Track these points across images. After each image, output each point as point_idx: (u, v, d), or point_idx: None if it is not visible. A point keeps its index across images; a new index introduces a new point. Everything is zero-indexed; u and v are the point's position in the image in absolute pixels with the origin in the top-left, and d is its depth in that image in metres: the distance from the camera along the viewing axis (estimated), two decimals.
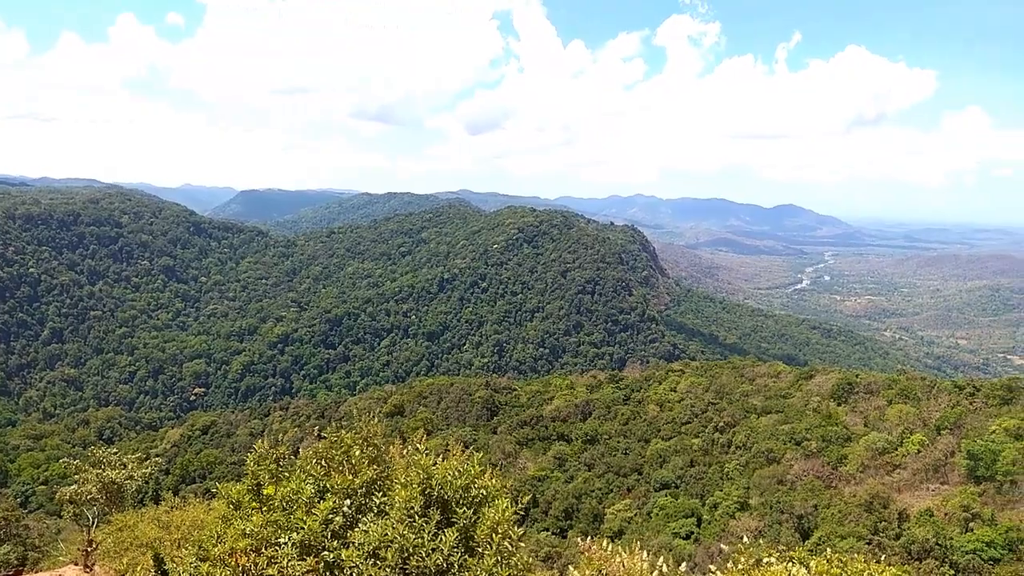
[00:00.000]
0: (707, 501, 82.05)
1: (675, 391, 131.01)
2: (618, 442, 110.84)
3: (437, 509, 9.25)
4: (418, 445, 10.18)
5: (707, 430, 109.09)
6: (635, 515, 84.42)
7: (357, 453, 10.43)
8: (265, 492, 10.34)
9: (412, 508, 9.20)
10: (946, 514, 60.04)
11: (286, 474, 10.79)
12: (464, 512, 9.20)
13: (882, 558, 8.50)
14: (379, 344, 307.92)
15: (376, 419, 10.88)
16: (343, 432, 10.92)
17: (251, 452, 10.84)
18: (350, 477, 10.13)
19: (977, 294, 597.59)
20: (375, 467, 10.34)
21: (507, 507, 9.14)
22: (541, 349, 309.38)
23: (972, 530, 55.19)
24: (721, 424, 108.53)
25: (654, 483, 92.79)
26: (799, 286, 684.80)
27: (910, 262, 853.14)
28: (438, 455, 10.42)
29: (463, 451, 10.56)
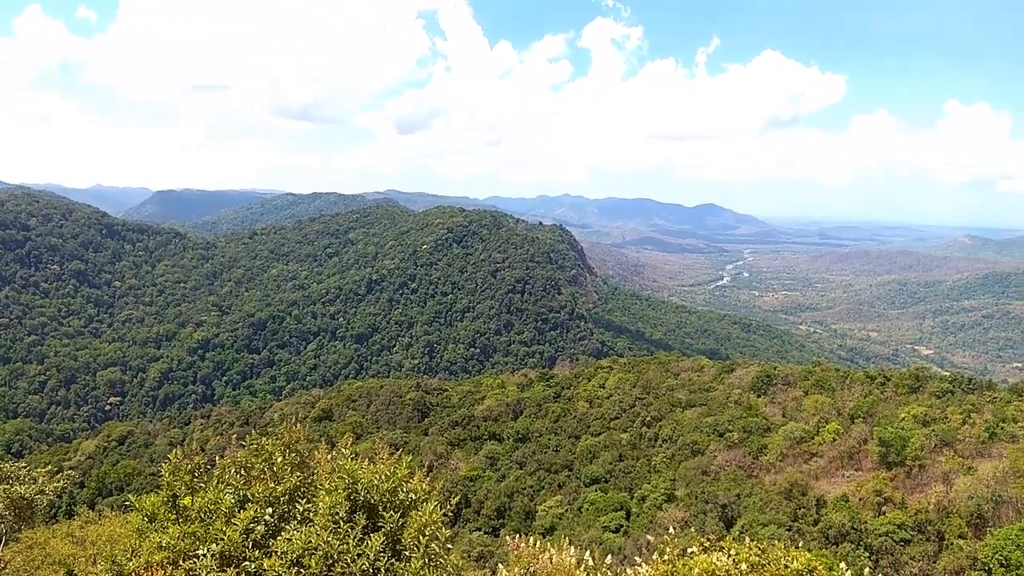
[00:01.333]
0: (635, 494, 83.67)
1: (604, 387, 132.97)
2: (549, 439, 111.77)
3: (363, 514, 9.13)
4: (343, 449, 10.02)
5: (635, 425, 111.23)
6: (566, 511, 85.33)
7: (279, 460, 10.19)
8: (182, 503, 10.00)
9: (337, 514, 9.05)
10: (860, 499, 63.02)
11: (203, 484, 10.45)
12: (391, 516, 9.11)
13: (800, 544, 8.86)
14: (306, 347, 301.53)
15: (298, 424, 10.65)
16: (264, 439, 10.66)
17: (165, 463, 10.46)
18: (272, 485, 9.88)
19: (886, 288, 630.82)
20: (299, 473, 10.13)
21: (435, 509, 9.11)
22: (472, 349, 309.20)
23: (884, 513, 58.13)
24: (648, 418, 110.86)
25: (584, 479, 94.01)
26: (720, 283, 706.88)
27: (823, 258, 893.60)
28: (365, 459, 10.30)
29: (391, 454, 10.45)
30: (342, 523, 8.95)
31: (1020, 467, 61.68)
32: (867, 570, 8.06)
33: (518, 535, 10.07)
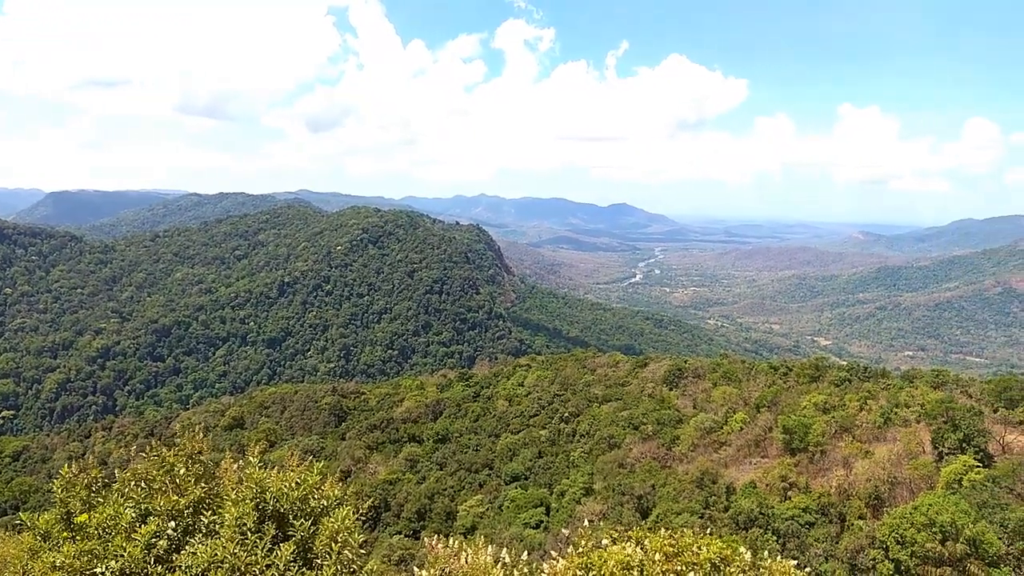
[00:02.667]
0: (555, 489, 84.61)
1: (523, 385, 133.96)
2: (469, 439, 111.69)
3: (272, 523, 8.79)
4: (251, 458, 9.63)
5: (554, 421, 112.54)
6: (487, 510, 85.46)
7: (182, 471, 9.70)
8: (78, 520, 9.38)
9: (244, 525, 8.68)
10: (767, 485, 65.79)
11: (101, 499, 9.85)
12: (302, 524, 8.81)
13: (708, 531, 9.08)
14: (214, 354, 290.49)
15: (202, 433, 10.17)
16: (166, 449, 10.13)
17: (58, 478, 9.80)
18: (175, 497, 9.40)
19: (787, 283, 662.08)
20: (203, 485, 9.67)
21: (348, 515, 8.86)
22: (390, 351, 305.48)
23: (790, 498, 60.88)
24: (566, 414, 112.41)
25: (505, 476, 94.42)
26: (633, 280, 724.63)
27: (729, 255, 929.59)
28: (275, 467, 9.93)
29: (301, 461, 10.12)
30: (250, 534, 8.59)
31: (913, 450, 65.85)
32: (766, 552, 8.30)
33: (437, 536, 9.93)
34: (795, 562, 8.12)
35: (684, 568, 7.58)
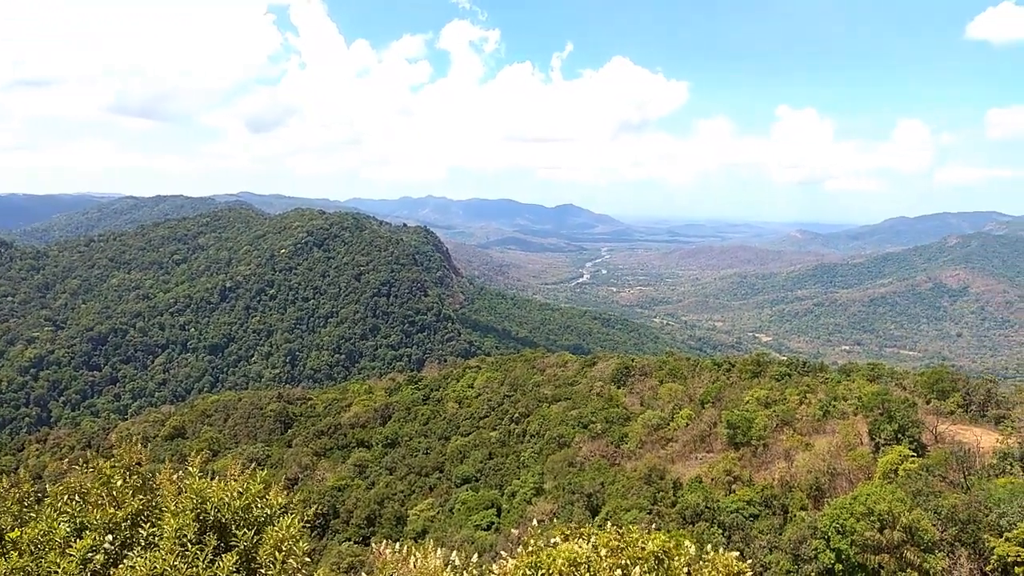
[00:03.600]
0: (506, 490, 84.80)
1: (472, 387, 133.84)
2: (419, 442, 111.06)
3: (214, 534, 8.58)
4: (191, 468, 9.38)
5: (504, 422, 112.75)
6: (438, 513, 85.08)
7: (119, 483, 9.40)
8: (9, 536, 9.01)
9: (185, 536, 8.45)
10: (713, 479, 67.19)
11: (33, 514, 9.48)
12: (245, 534, 8.62)
13: (658, 525, 9.23)
14: (153, 362, 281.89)
15: (138, 444, 9.87)
16: (102, 461, 9.80)
17: None
18: (112, 510, 9.10)
19: (729, 281, 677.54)
20: (141, 496, 9.38)
21: (292, 523, 8.71)
22: (337, 355, 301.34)
23: (735, 491, 62.29)
24: (516, 415, 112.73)
25: (455, 479, 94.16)
26: (581, 280, 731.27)
27: (673, 255, 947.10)
28: (217, 477, 9.70)
29: (244, 470, 9.91)
30: (190, 545, 8.37)
31: (851, 441, 68.13)
32: (708, 546, 8.49)
33: (385, 542, 9.84)
34: (737, 554, 8.33)
35: (629, 562, 7.72)
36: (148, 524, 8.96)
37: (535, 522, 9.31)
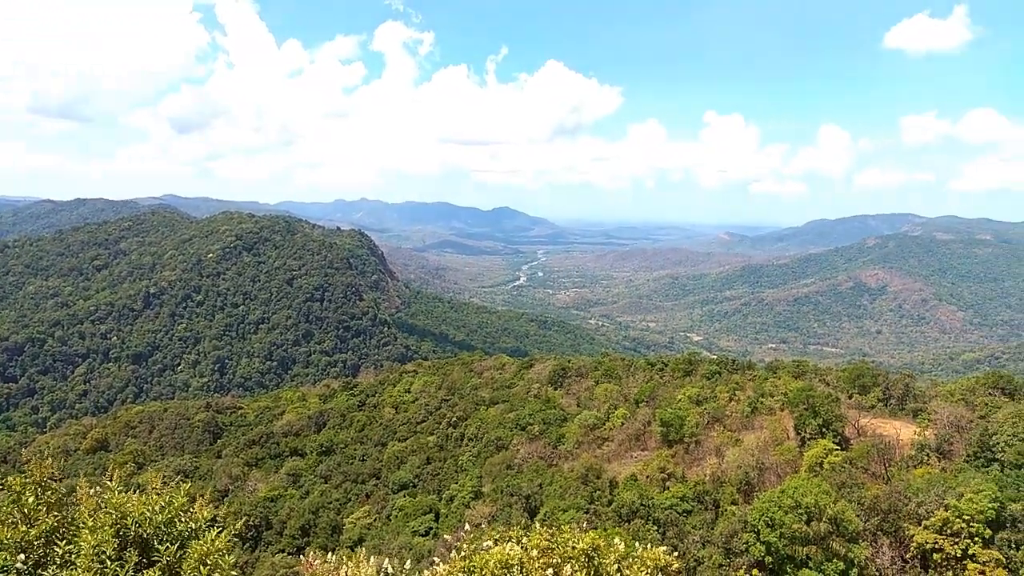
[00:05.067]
0: (444, 495, 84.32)
1: (409, 392, 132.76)
2: (355, 449, 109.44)
3: (135, 550, 8.27)
4: (109, 482, 9.01)
5: (441, 426, 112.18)
6: (375, 520, 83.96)
7: (31, 500, 8.96)
8: None
9: (104, 553, 8.12)
10: (648, 477, 68.42)
11: None
12: (168, 549, 8.33)
13: (595, 524, 9.34)
14: (73, 372, 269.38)
15: (51, 458, 9.42)
16: (12, 477, 9.32)
17: None
18: (24, 528, 8.67)
19: (661, 282, 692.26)
20: (56, 513, 8.96)
21: (218, 536, 8.46)
22: (269, 362, 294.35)
23: (669, 488, 63.57)
24: (454, 419, 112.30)
25: (392, 485, 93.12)
26: (518, 283, 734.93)
27: (608, 257, 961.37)
28: (138, 490, 9.35)
29: (167, 482, 9.57)
30: (109, 562, 8.05)
31: (778, 436, 70.46)
32: (637, 544, 8.67)
33: (314, 553, 9.65)
34: (665, 548, 8.52)
35: (560, 561, 7.82)
36: (64, 542, 8.58)
37: (467, 526, 9.31)
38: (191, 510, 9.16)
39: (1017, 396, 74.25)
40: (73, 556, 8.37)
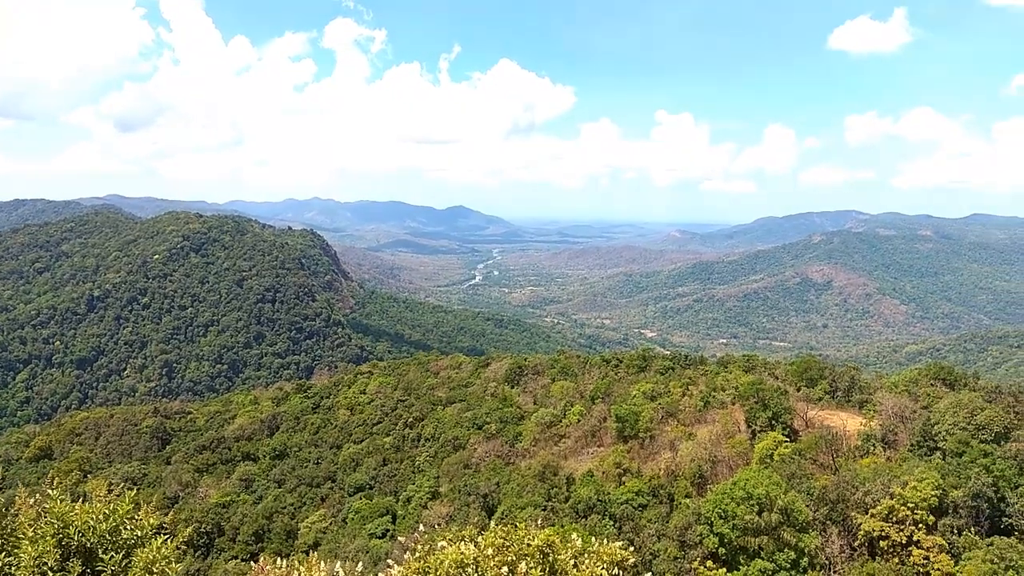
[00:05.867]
0: (401, 496, 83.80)
1: (365, 393, 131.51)
2: (309, 452, 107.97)
3: (78, 560, 8.01)
4: (50, 491, 8.70)
5: (398, 427, 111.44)
6: (330, 524, 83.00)
7: None
8: None
9: (45, 564, 7.85)
10: (604, 472, 69.11)
11: None
12: (112, 558, 8.10)
13: (540, 522, 9.38)
14: (14, 379, 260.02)
15: None
16: None
17: None
18: None
19: (615, 280, 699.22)
20: None
21: (164, 544, 8.25)
22: (219, 365, 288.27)
23: (624, 483, 64.33)
24: (411, 419, 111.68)
25: (349, 488, 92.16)
26: (473, 282, 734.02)
27: (563, 255, 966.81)
28: (82, 499, 9.05)
29: (111, 490, 9.29)
30: (52, 573, 7.79)
31: (730, 429, 71.85)
32: (593, 539, 8.76)
33: (265, 558, 9.48)
34: (621, 543, 8.61)
35: (516, 559, 7.83)
36: (3, 553, 8.26)
37: (422, 527, 9.27)
38: (136, 518, 8.91)
39: (957, 387, 77.16)
40: (13, 568, 8.08)
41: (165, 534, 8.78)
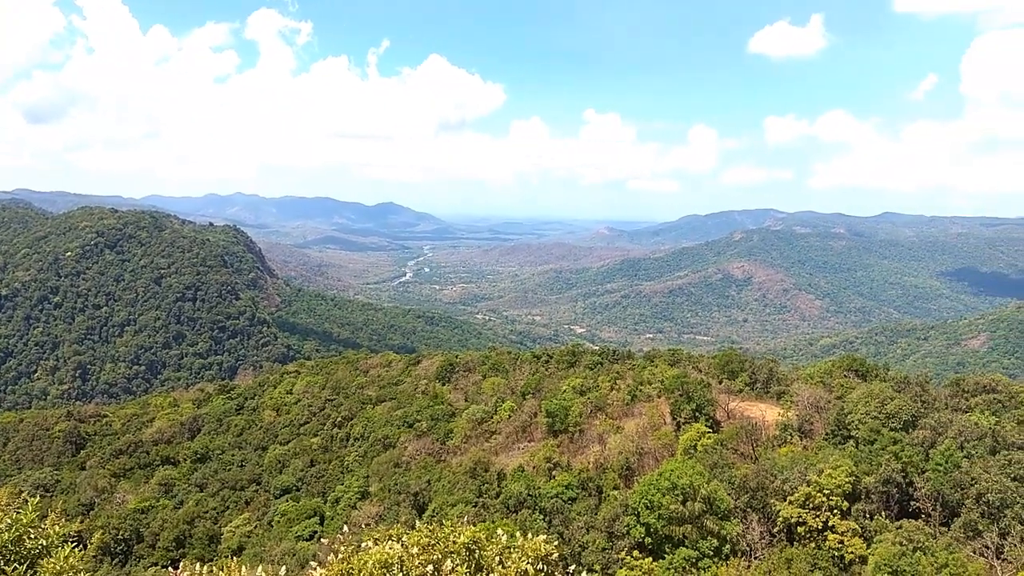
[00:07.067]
0: (329, 497, 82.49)
1: (291, 393, 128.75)
2: (233, 455, 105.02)
3: None
4: None
5: (326, 427, 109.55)
6: (255, 527, 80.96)
7: None
8: None
9: None
10: (534, 467, 69.68)
11: None
12: (15, 569, 7.70)
13: (466, 519, 9.39)
14: None
15: None
16: None
17: None
18: None
19: (545, 276, 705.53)
20: None
21: (72, 553, 7.89)
22: (136, 367, 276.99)
23: (554, 477, 65.03)
24: (339, 419, 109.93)
25: (274, 490, 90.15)
26: (404, 279, 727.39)
27: (494, 252, 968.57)
28: None
29: (14, 499, 8.83)
30: None
31: (656, 422, 73.57)
32: (519, 533, 8.84)
33: (182, 564, 9.18)
34: (544, 537, 8.71)
35: (441, 556, 7.83)
36: None
37: (346, 528, 9.15)
38: (42, 527, 8.49)
39: (869, 378, 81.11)
40: None
41: (75, 543, 8.39)
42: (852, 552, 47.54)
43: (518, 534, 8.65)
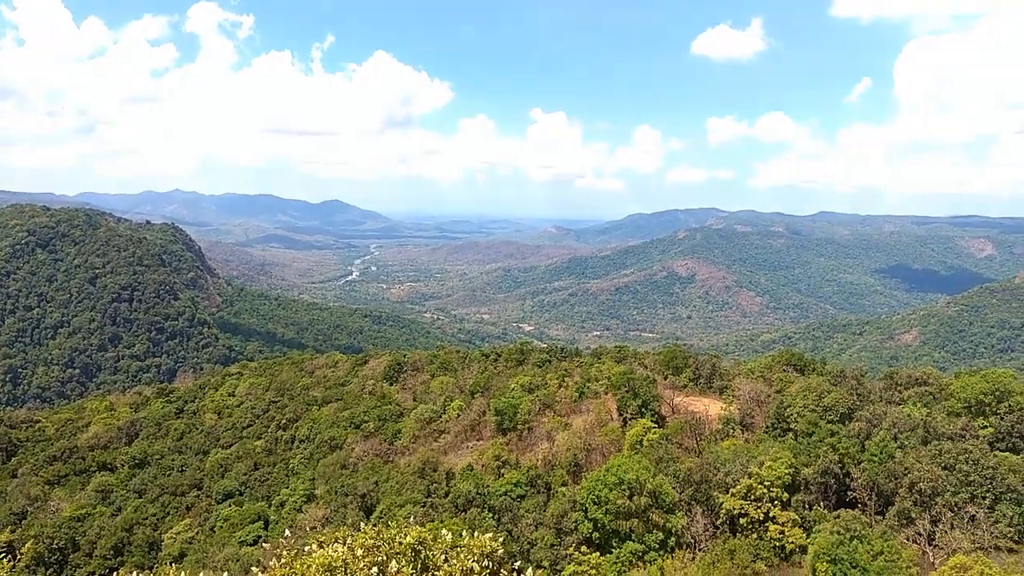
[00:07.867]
0: (274, 501, 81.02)
1: (234, 395, 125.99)
2: (173, 460, 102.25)
3: None
4: None
5: (270, 429, 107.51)
6: (197, 533, 78.99)
7: None
8: None
9: None
10: (483, 466, 69.74)
11: None
12: None
13: (413, 519, 9.41)
14: None
15: None
16: None
17: None
18: None
19: (494, 275, 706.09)
20: None
21: (1, 564, 7.62)
22: (70, 370, 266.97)
23: (503, 475, 65.24)
24: (284, 421, 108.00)
25: (216, 495, 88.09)
26: (350, 278, 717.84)
27: (442, 250, 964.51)
28: None
29: None
30: None
31: (603, 418, 74.47)
32: (464, 533, 8.91)
33: (127, 572, 8.97)
34: (490, 535, 8.79)
35: (387, 558, 7.83)
36: None
37: (288, 532, 9.09)
38: None
39: (807, 372, 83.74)
40: None
41: (4, 554, 8.10)
42: (792, 542, 49.06)
43: (464, 533, 8.70)
